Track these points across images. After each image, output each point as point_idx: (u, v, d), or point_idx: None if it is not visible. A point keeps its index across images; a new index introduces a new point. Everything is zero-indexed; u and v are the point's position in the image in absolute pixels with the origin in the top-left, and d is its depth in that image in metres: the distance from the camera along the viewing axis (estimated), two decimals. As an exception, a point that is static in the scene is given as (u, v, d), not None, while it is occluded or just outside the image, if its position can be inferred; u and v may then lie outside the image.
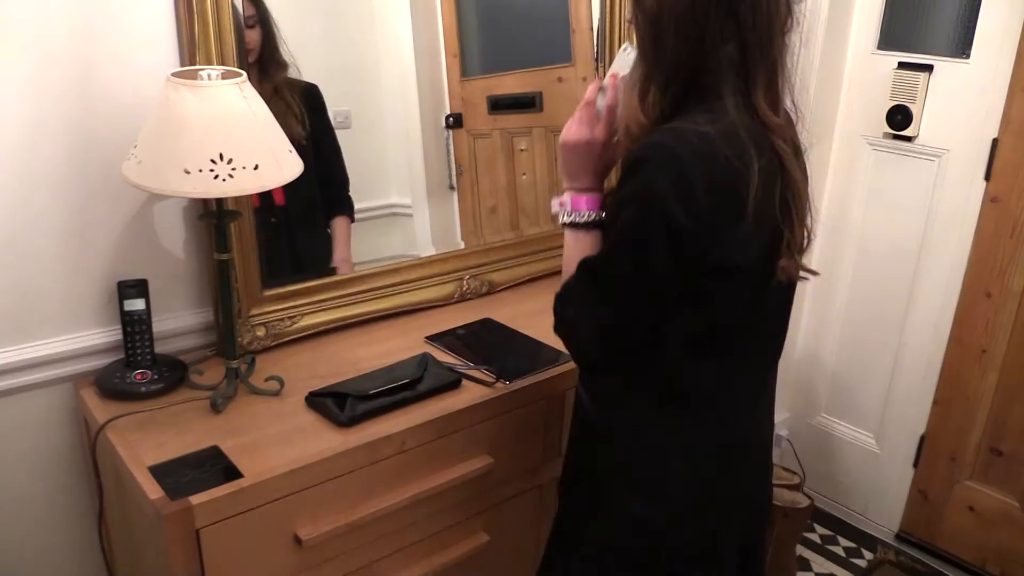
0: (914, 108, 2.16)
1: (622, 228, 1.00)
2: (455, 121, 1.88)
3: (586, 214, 1.13)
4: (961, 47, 2.08)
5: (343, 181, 1.69)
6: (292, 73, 1.55)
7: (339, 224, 1.69)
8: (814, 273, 1.10)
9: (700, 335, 1.05)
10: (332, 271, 1.67)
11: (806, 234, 1.07)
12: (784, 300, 1.14)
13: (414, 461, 1.32)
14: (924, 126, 2.17)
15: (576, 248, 1.12)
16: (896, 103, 2.18)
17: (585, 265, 1.06)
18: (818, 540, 2.50)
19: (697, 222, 0.95)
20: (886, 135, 2.24)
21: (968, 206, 2.14)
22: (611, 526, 1.15)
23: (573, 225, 1.14)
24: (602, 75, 1.92)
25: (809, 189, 1.07)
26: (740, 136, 0.96)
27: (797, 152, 1.04)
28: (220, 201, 1.30)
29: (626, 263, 1.01)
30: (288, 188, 1.30)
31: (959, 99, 2.10)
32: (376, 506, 1.27)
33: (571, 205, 1.14)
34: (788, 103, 1.04)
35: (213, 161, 1.16)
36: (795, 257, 1.04)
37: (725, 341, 1.07)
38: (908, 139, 2.21)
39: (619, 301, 1.03)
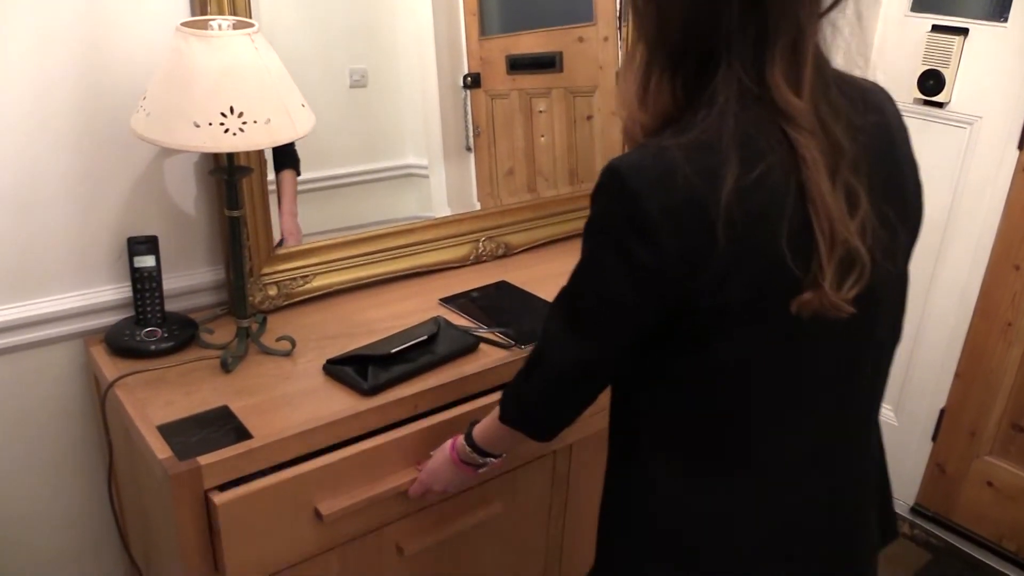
0: (947, 73, 2.09)
1: (584, 262, 0.90)
2: (473, 81, 1.84)
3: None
4: (998, 10, 2.00)
5: None
6: None
7: (285, 177, 1.63)
8: (851, 311, 0.80)
9: (703, 380, 0.89)
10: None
11: (843, 257, 0.78)
12: (844, 346, 0.88)
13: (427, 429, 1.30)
14: (957, 92, 2.10)
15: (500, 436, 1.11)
16: (928, 67, 2.11)
17: (557, 300, 0.96)
18: (832, 512, 2.48)
19: (659, 256, 0.80)
20: (916, 100, 2.18)
21: (999, 175, 2.08)
22: None
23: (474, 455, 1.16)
24: (625, 35, 1.88)
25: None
26: (719, 144, 0.77)
27: (837, 148, 0.79)
28: (231, 156, 1.27)
29: (592, 296, 0.90)
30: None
31: (994, 64, 2.03)
32: (389, 472, 1.25)
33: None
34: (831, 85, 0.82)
35: (223, 114, 1.13)
36: (824, 289, 0.78)
37: (741, 391, 0.87)
38: (939, 105, 2.14)
39: (594, 332, 0.92)
